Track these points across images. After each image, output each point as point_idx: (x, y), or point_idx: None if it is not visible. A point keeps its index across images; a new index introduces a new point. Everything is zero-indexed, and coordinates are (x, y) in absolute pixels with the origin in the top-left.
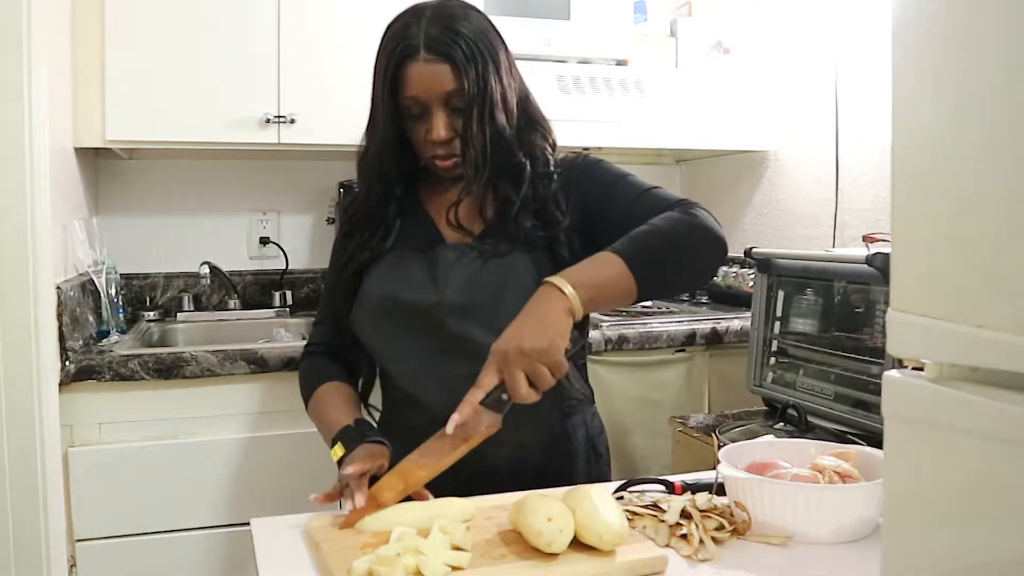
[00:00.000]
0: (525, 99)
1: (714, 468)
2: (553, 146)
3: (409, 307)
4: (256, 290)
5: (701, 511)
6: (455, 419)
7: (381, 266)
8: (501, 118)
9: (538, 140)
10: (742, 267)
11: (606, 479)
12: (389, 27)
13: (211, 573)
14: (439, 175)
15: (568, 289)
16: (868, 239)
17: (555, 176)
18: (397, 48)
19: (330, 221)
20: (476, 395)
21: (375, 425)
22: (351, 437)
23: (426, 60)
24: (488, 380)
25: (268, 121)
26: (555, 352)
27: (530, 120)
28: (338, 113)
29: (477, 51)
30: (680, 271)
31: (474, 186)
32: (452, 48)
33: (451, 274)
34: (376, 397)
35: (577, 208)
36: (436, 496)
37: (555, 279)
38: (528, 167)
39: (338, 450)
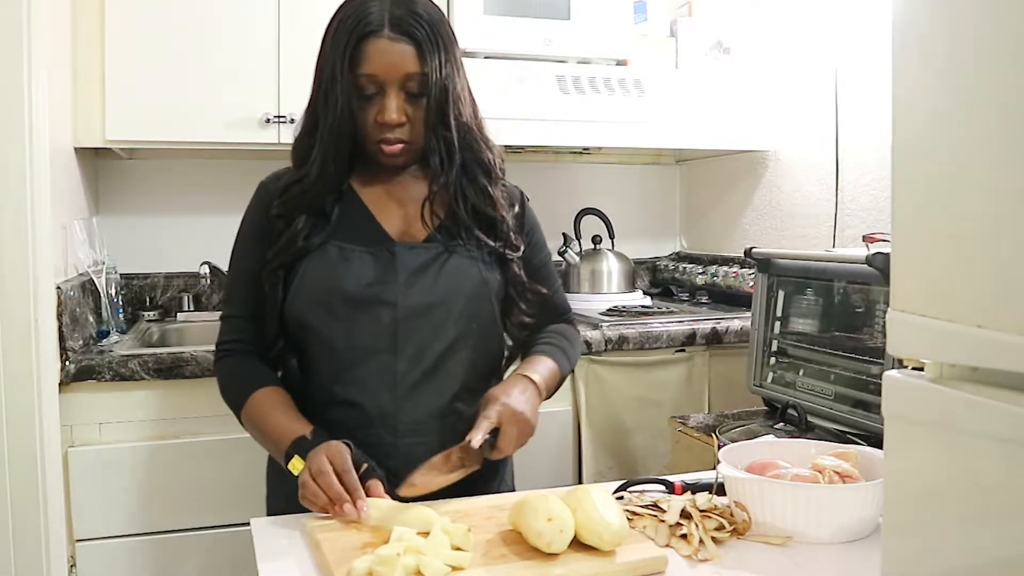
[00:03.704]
0: (475, 103)
1: (714, 468)
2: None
3: (359, 303)
4: None
5: (701, 511)
6: (479, 438)
7: (320, 256)
8: (464, 110)
9: (495, 143)
10: (742, 267)
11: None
12: (344, 5)
13: (211, 573)
14: (378, 163)
15: (542, 394)
16: (868, 239)
17: (513, 197)
18: (359, 23)
19: None
20: (487, 425)
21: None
22: (311, 449)
23: (390, 38)
24: (495, 419)
25: (268, 121)
26: (531, 434)
27: (482, 124)
28: None
29: (440, 40)
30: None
31: (443, 177)
32: (417, 31)
33: (409, 274)
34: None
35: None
36: None
37: (537, 379)
38: (497, 165)
39: (298, 463)
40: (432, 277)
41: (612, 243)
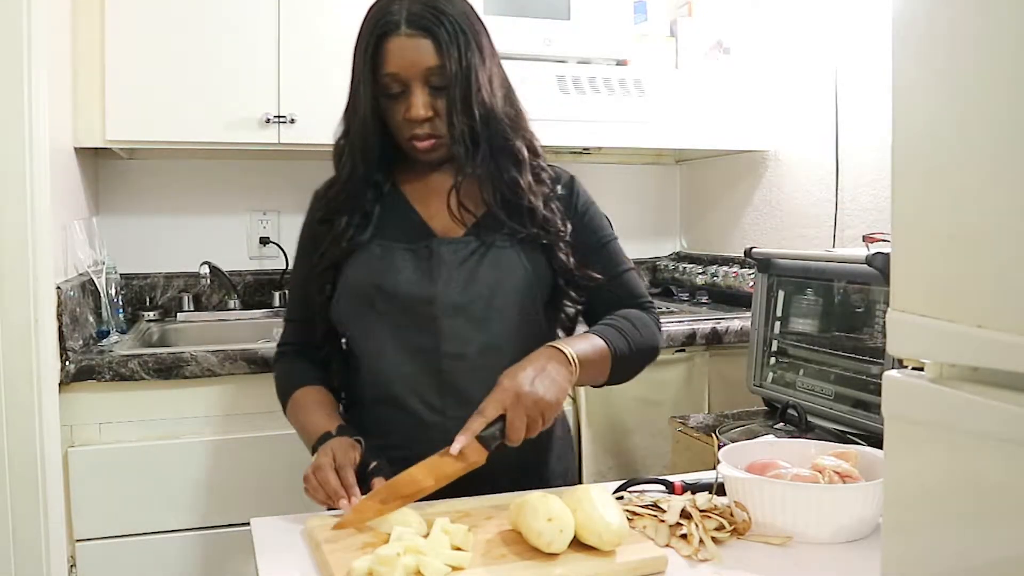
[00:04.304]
0: (510, 90)
1: (714, 468)
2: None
3: (399, 301)
4: (256, 290)
5: (701, 511)
6: (460, 442)
7: (363, 255)
8: (488, 99)
9: (529, 131)
10: (742, 267)
11: (577, 471)
12: (371, 7)
13: (211, 573)
14: (417, 160)
15: (575, 366)
16: (868, 239)
17: (558, 181)
18: (378, 24)
19: None
20: (478, 423)
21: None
22: None
23: (407, 35)
24: (491, 412)
25: (268, 121)
26: (556, 411)
27: (518, 112)
28: (338, 113)
29: (460, 31)
30: (631, 375)
31: (469, 167)
32: (434, 24)
33: (447, 270)
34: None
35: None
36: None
37: (567, 350)
38: (526, 152)
39: None
40: (471, 271)
41: None
